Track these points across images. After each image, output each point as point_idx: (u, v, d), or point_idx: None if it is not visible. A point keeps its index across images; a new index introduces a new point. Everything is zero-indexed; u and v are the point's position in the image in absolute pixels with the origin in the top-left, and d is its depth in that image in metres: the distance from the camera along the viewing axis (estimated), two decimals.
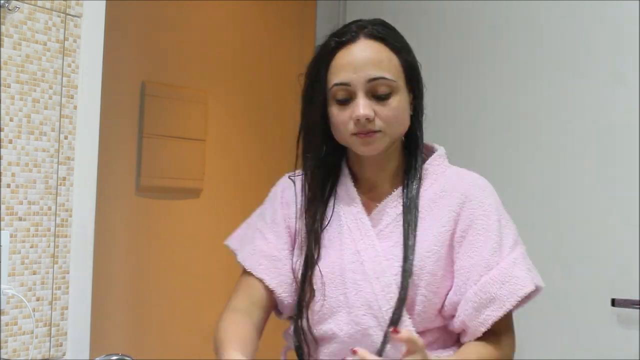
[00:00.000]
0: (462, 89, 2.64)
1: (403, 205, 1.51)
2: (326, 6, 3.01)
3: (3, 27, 1.61)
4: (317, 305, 1.51)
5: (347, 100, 1.48)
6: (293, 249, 1.57)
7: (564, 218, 2.40)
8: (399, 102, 1.49)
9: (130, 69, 2.50)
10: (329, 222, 1.55)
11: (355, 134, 1.48)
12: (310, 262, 1.52)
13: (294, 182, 1.60)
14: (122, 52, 2.42)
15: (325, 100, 1.51)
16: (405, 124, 1.52)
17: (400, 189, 1.53)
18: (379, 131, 1.47)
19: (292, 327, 1.56)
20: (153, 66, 2.58)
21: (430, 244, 1.49)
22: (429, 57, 2.73)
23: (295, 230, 1.57)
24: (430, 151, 1.60)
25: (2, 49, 1.60)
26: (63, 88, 1.73)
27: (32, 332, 1.66)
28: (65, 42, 1.73)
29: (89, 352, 1.78)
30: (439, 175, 1.56)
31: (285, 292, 1.55)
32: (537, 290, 1.52)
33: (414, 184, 1.53)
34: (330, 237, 1.54)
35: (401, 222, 1.50)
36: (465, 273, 1.49)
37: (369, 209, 1.55)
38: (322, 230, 1.54)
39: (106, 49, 1.82)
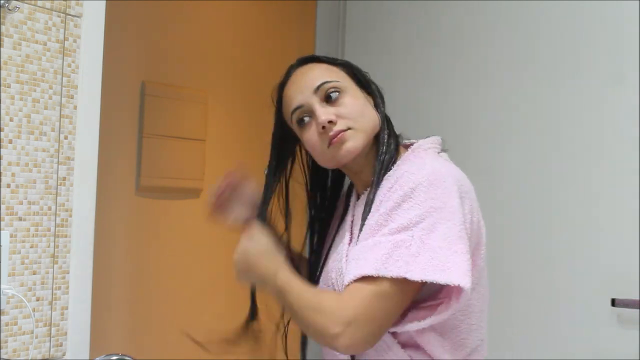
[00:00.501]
0: (462, 89, 2.64)
1: (364, 206, 1.51)
2: (326, 6, 3.01)
3: (3, 27, 1.61)
4: None
5: (308, 120, 1.53)
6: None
7: (564, 218, 2.40)
8: (353, 97, 1.52)
9: (130, 69, 2.50)
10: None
11: (329, 145, 1.50)
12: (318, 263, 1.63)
13: None
14: (122, 52, 2.42)
15: (295, 137, 1.60)
16: (372, 118, 1.53)
17: (367, 190, 1.54)
18: (348, 129, 1.49)
19: None
20: (153, 66, 2.58)
21: (366, 227, 1.47)
22: (429, 57, 2.74)
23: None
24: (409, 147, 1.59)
25: (2, 49, 1.60)
26: (63, 88, 1.73)
27: (32, 332, 1.66)
28: (65, 42, 1.73)
29: (89, 352, 1.78)
30: (407, 168, 1.48)
31: None
32: (383, 278, 1.39)
33: (378, 182, 1.51)
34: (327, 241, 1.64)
35: (361, 221, 1.51)
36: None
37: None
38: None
39: (106, 49, 1.82)
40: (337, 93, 1.51)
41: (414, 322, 1.43)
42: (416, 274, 1.36)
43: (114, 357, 1.41)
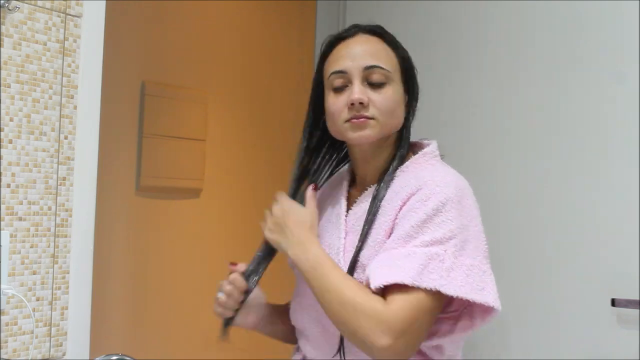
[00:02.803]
0: (461, 88, 2.64)
1: (371, 200, 1.51)
2: (326, 6, 3.01)
3: (3, 27, 1.61)
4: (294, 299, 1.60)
5: (343, 88, 1.53)
6: None
7: (564, 218, 2.40)
8: (394, 92, 1.52)
9: (130, 69, 2.50)
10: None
11: (348, 120, 1.51)
12: None
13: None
14: (122, 52, 2.42)
15: (323, 92, 1.57)
16: (398, 117, 1.54)
17: (374, 186, 1.55)
18: (372, 118, 1.50)
19: None
20: (153, 66, 2.58)
21: (378, 235, 1.48)
22: (428, 57, 2.74)
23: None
24: (420, 148, 1.60)
25: (2, 49, 1.60)
26: (63, 88, 1.73)
27: (32, 332, 1.66)
28: (65, 42, 1.73)
29: (89, 352, 1.78)
30: (418, 172, 1.52)
31: None
32: (490, 311, 1.44)
33: (390, 180, 1.53)
34: (319, 232, 1.58)
35: (368, 218, 1.51)
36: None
37: (352, 204, 1.59)
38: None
39: (106, 49, 1.82)
40: (383, 82, 1.51)
41: (434, 338, 1.46)
42: (451, 289, 1.37)
43: (114, 357, 1.41)
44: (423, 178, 1.47)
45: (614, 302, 2.26)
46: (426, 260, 1.37)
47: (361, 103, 1.49)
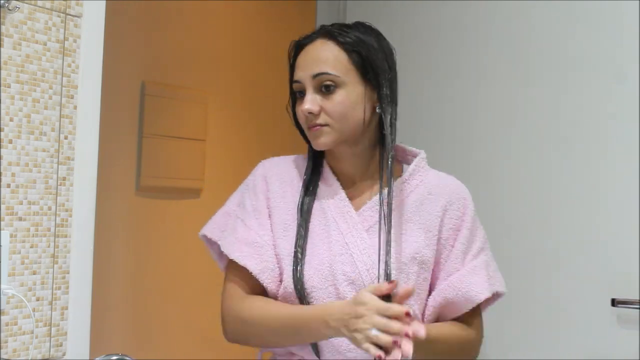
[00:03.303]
0: (461, 88, 2.64)
1: (388, 205, 1.52)
2: (326, 6, 3.01)
3: (3, 27, 1.61)
4: (308, 297, 1.54)
5: (301, 96, 1.58)
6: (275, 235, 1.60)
7: (564, 218, 2.40)
8: (345, 96, 1.54)
9: (130, 69, 2.50)
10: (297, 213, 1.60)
11: (309, 128, 1.57)
12: (300, 257, 1.55)
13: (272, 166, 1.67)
14: (122, 52, 2.42)
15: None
16: (355, 118, 1.55)
17: (386, 189, 1.54)
18: (326, 125, 1.54)
19: None
20: (153, 66, 2.58)
21: (419, 246, 1.55)
22: (429, 57, 2.74)
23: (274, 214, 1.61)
24: (411, 154, 1.67)
25: (2, 49, 1.60)
26: (63, 88, 1.73)
27: (32, 332, 1.66)
28: (65, 42, 1.73)
29: (89, 352, 1.78)
30: (423, 178, 1.62)
31: (269, 279, 1.57)
32: (496, 296, 1.62)
33: (399, 184, 1.59)
34: (316, 230, 1.57)
35: (388, 221, 1.52)
36: (434, 275, 1.59)
37: (355, 204, 1.59)
38: (308, 223, 1.58)
39: (106, 49, 1.82)
40: (332, 87, 1.54)
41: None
42: (502, 286, 1.64)
43: (114, 357, 1.41)
44: (445, 191, 1.61)
45: (614, 302, 2.26)
46: (486, 270, 1.60)
47: (311, 112, 1.54)
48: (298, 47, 1.62)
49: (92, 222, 1.80)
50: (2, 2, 1.59)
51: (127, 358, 1.41)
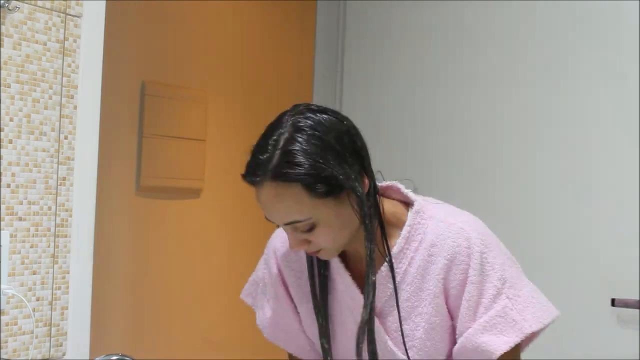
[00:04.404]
0: (461, 88, 2.64)
1: (393, 280, 1.46)
2: (326, 6, 3.01)
3: (3, 27, 1.61)
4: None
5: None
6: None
7: (564, 218, 2.40)
8: (328, 228, 1.40)
9: (130, 69, 2.50)
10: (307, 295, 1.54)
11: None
12: (327, 347, 1.52)
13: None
14: (122, 52, 2.42)
15: None
16: (347, 229, 1.43)
17: (386, 265, 1.47)
18: (321, 250, 1.44)
19: None
20: (153, 66, 2.58)
21: (430, 316, 1.48)
22: (429, 57, 2.74)
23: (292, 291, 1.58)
24: (398, 193, 1.53)
25: (2, 49, 1.60)
26: (63, 88, 1.73)
27: (32, 332, 1.66)
28: (65, 42, 1.73)
29: (89, 352, 1.78)
30: (422, 236, 1.48)
31: (303, 354, 1.62)
32: (532, 335, 1.53)
33: (399, 255, 1.48)
34: (333, 313, 1.54)
35: (396, 298, 1.47)
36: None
37: (362, 283, 1.50)
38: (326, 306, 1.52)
39: (106, 49, 1.82)
40: (311, 227, 1.40)
41: None
42: (533, 325, 1.54)
43: (114, 357, 1.41)
44: (445, 247, 1.46)
45: (614, 302, 2.26)
46: (504, 318, 1.46)
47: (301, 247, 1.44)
48: (249, 182, 1.45)
49: (92, 222, 1.80)
50: (2, 2, 1.59)
51: (127, 358, 1.41)
